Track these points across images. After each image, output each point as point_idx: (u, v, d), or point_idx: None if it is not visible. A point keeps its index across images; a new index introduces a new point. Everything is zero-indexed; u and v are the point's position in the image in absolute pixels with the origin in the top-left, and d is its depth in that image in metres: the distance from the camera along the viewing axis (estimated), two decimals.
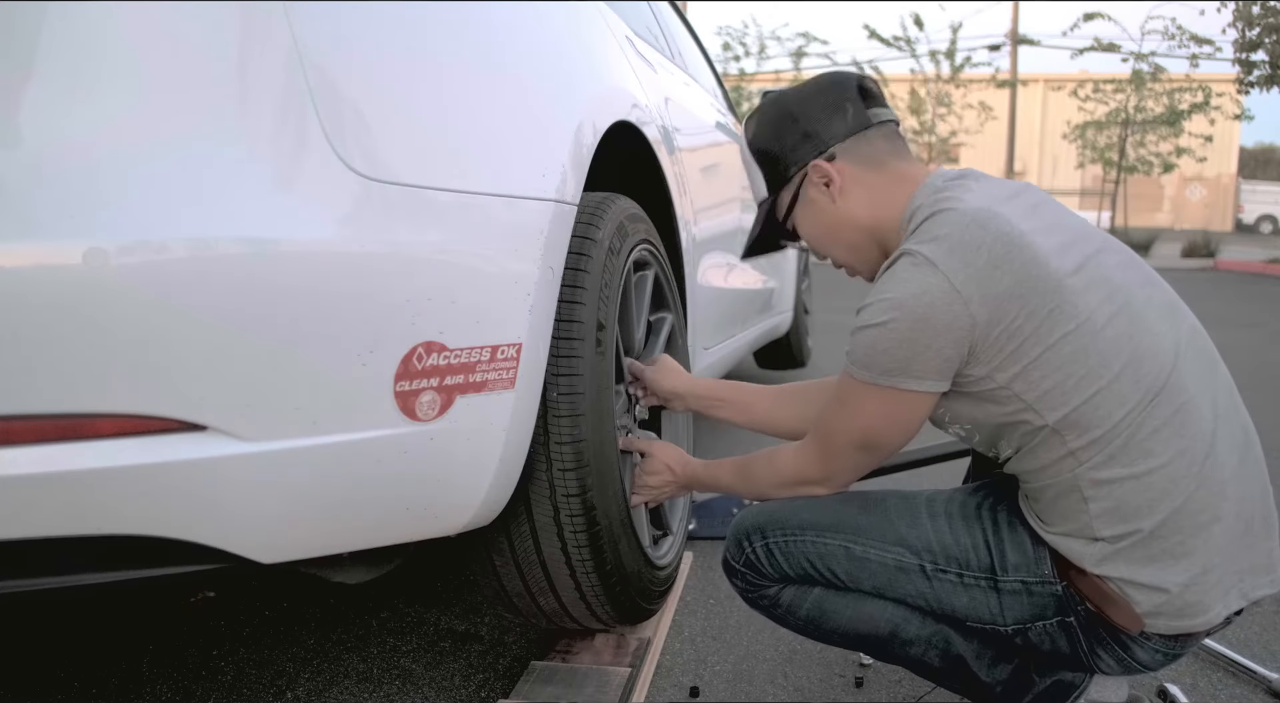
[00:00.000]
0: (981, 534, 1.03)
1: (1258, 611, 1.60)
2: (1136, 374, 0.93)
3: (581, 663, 1.28)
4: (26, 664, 1.42)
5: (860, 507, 1.08)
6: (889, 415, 0.99)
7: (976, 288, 0.92)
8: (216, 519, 0.82)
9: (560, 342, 1.14)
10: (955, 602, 1.04)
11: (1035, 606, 1.01)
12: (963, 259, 0.92)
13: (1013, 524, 1.03)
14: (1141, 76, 14.76)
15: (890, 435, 1.02)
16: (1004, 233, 0.93)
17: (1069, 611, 1.00)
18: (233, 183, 0.79)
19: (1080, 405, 0.93)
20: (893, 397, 0.97)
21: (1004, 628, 1.03)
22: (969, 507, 1.05)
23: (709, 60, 3.14)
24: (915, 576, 1.04)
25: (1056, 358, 0.93)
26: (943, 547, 1.03)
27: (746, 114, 1.32)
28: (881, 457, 1.05)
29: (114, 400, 0.75)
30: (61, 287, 0.71)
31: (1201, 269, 11.94)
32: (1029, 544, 1.01)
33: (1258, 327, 5.91)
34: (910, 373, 0.95)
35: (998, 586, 1.01)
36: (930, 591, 1.04)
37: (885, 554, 1.05)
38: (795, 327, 3.63)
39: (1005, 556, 1.01)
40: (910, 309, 0.93)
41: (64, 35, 0.75)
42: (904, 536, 1.05)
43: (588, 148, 1.22)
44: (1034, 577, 1.00)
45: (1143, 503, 0.94)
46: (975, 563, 1.02)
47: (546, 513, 1.15)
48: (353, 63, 0.89)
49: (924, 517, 1.05)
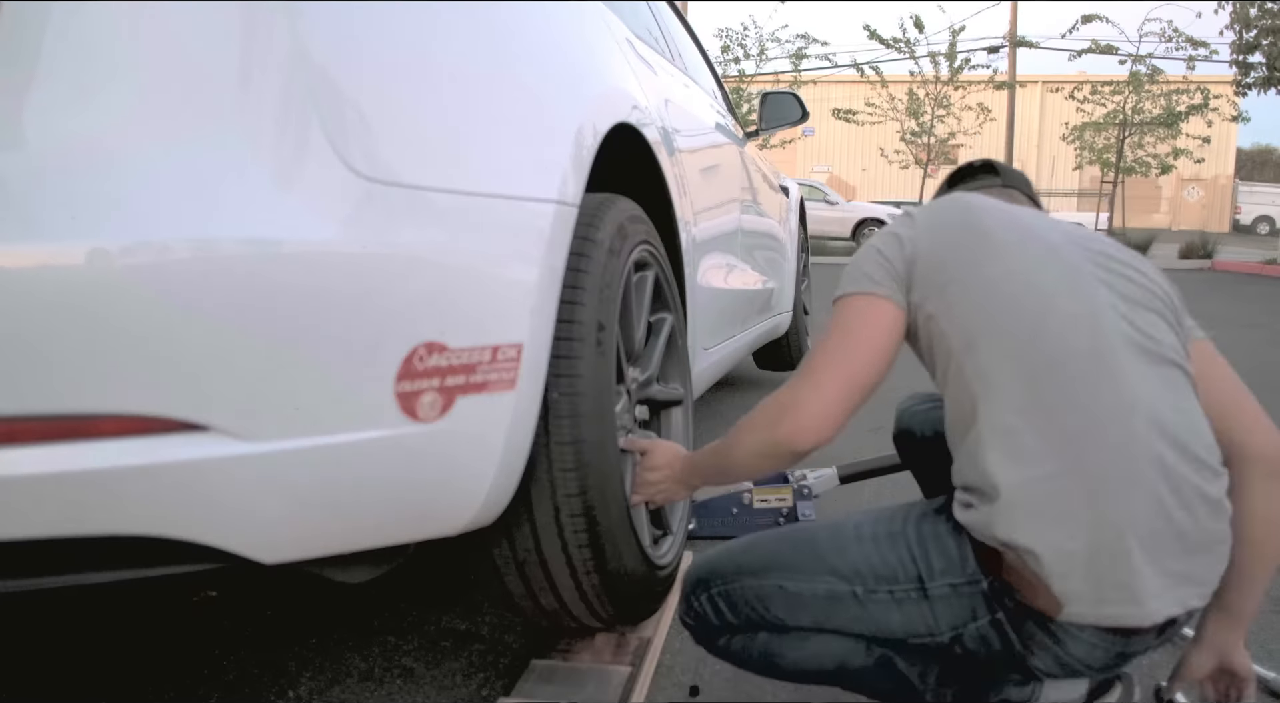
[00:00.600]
0: (905, 547, 1.02)
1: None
2: (1049, 337, 0.98)
3: (582, 662, 1.28)
4: (27, 664, 1.42)
5: (791, 545, 1.08)
6: (862, 320, 1.06)
7: (924, 219, 1.10)
8: (218, 519, 0.82)
9: (560, 342, 1.14)
10: (890, 621, 1.03)
11: (965, 607, 1.00)
12: (928, 211, 1.12)
13: (937, 533, 1.02)
14: (1139, 78, 14.78)
15: (866, 342, 1.05)
16: (967, 206, 1.10)
17: (998, 606, 0.99)
18: (234, 183, 0.80)
19: (987, 347, 0.99)
20: (860, 301, 1.06)
21: (941, 637, 1.02)
22: (895, 523, 1.05)
23: (709, 62, 3.15)
24: (849, 602, 1.03)
25: (974, 297, 1.02)
26: (870, 568, 1.02)
27: (746, 115, 1.34)
28: (867, 372, 1.03)
29: (116, 400, 0.75)
30: (64, 287, 0.72)
31: (1199, 270, 11.95)
32: (952, 546, 1.00)
33: (1256, 327, 5.92)
34: (868, 277, 1.07)
35: (927, 593, 1.01)
36: (865, 614, 1.03)
37: (817, 586, 1.04)
38: (795, 327, 3.63)
39: (930, 562, 1.01)
40: (882, 233, 1.12)
41: (66, 36, 0.75)
42: (833, 565, 1.04)
43: (588, 149, 1.22)
44: (960, 577, 1.00)
45: (1037, 449, 0.94)
46: (903, 576, 1.01)
47: (547, 513, 1.16)
48: (354, 63, 0.89)
49: (850, 543, 1.04)
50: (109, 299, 0.73)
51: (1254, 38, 11.47)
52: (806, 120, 3.27)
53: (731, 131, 2.70)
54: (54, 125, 0.74)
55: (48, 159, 0.73)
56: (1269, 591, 1.67)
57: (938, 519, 1.03)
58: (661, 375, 1.60)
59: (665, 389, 1.60)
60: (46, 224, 0.72)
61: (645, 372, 1.49)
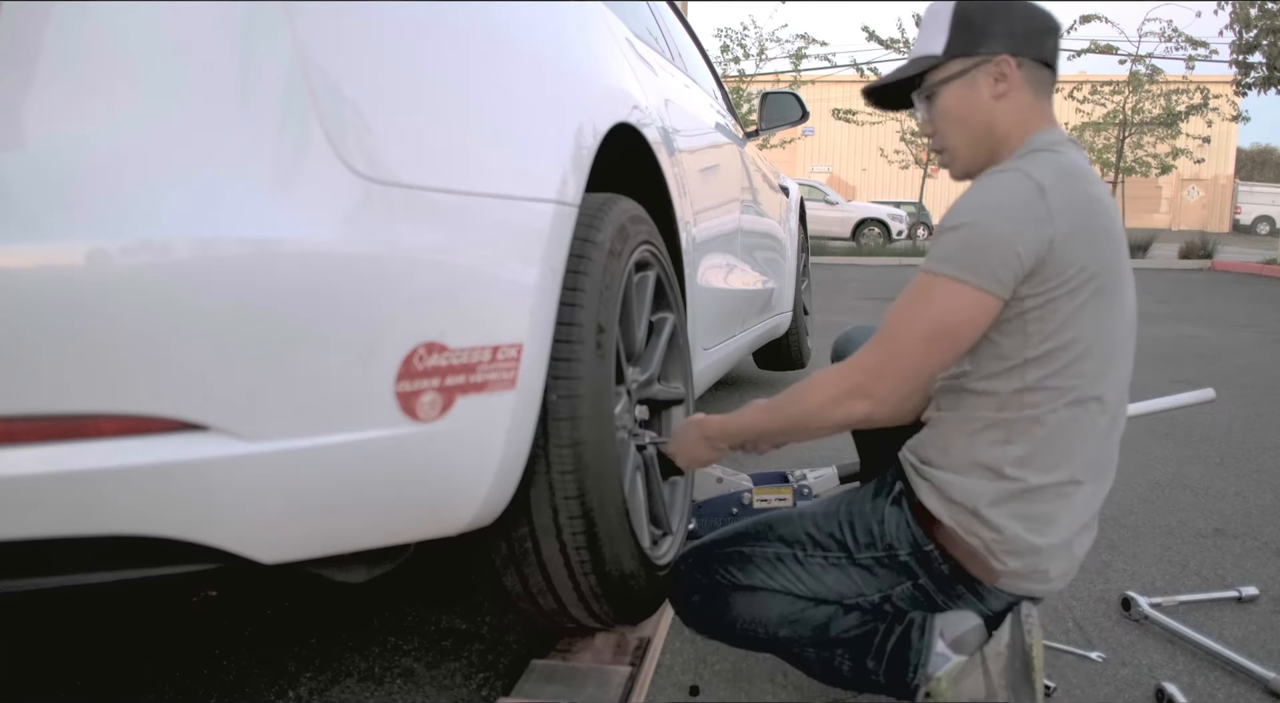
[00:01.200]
0: (837, 522, 1.19)
1: (1255, 610, 1.60)
2: (1105, 367, 1.10)
3: (582, 662, 1.28)
4: (28, 664, 1.42)
5: (753, 522, 1.25)
6: (957, 310, 1.05)
7: (1065, 217, 1.04)
8: (218, 519, 0.82)
9: (560, 345, 1.14)
10: (826, 580, 1.19)
11: (890, 576, 1.17)
12: (1064, 195, 1.04)
13: (863, 512, 1.18)
14: (1139, 78, 14.78)
15: (959, 331, 1.06)
16: (1101, 208, 1.08)
17: (923, 574, 1.15)
18: (234, 183, 0.80)
19: (1061, 368, 1.07)
20: (963, 291, 1.04)
21: (870, 598, 1.19)
22: (831, 504, 1.22)
23: (708, 62, 3.15)
24: (790, 562, 1.19)
25: (1077, 317, 1.05)
26: (808, 536, 1.19)
27: (746, 115, 1.35)
28: (947, 355, 1.08)
29: (116, 400, 0.75)
30: (64, 287, 0.71)
31: (1199, 270, 11.95)
32: (873, 524, 1.17)
33: (1255, 327, 5.92)
34: (984, 266, 1.03)
35: (855, 561, 1.17)
36: (805, 573, 1.19)
37: (766, 550, 1.20)
38: (795, 327, 3.63)
39: (856, 535, 1.17)
40: (1001, 209, 1.04)
41: (66, 36, 0.75)
42: (781, 533, 1.21)
43: (588, 149, 1.22)
44: (882, 551, 1.16)
45: (1053, 459, 1.09)
46: (834, 545, 1.18)
47: (546, 515, 1.16)
48: (354, 63, 0.89)
49: (794, 517, 1.22)
50: (109, 299, 0.73)
51: (1254, 38, 11.48)
52: (806, 120, 3.27)
53: (731, 131, 2.70)
54: (54, 125, 0.74)
55: (48, 159, 0.73)
56: (1268, 590, 1.68)
57: (866, 497, 1.20)
58: (662, 375, 1.60)
59: (666, 388, 1.60)
60: (46, 224, 0.72)
61: (646, 372, 1.49)
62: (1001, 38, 1.13)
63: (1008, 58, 1.12)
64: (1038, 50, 1.14)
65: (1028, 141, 1.13)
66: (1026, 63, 1.13)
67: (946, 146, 1.19)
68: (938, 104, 1.17)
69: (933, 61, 1.16)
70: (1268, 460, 2.64)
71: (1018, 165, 1.08)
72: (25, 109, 0.74)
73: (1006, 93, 1.13)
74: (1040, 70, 1.15)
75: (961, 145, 1.18)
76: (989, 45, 1.13)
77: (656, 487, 1.49)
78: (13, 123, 0.73)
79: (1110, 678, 1.36)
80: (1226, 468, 2.54)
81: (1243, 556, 1.87)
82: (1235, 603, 1.63)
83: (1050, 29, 1.16)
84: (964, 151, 1.18)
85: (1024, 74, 1.13)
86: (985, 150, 1.16)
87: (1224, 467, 2.55)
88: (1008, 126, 1.14)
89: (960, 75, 1.15)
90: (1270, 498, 2.28)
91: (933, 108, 1.18)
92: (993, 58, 1.13)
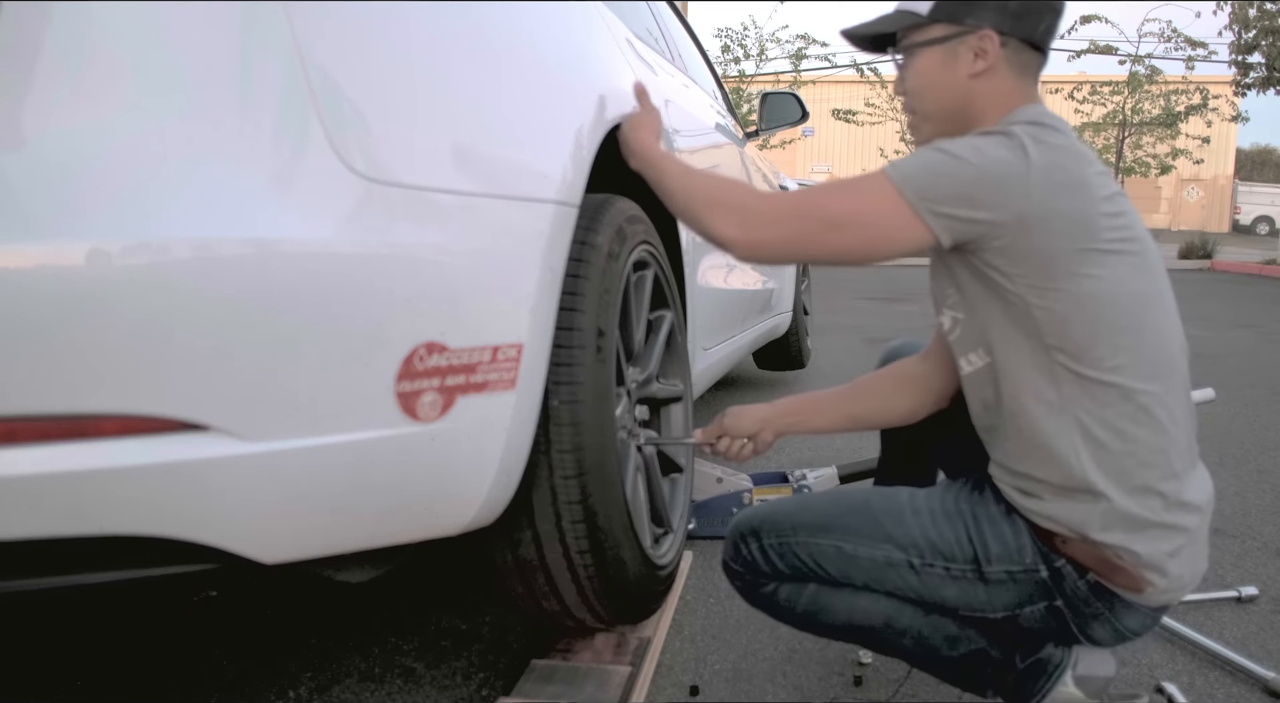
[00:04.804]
0: (964, 528, 1.07)
1: (1255, 610, 1.60)
2: (1138, 343, 1.02)
3: (582, 662, 1.28)
4: (28, 664, 1.42)
5: (848, 508, 1.11)
6: (884, 225, 1.00)
7: (1043, 191, 0.97)
8: (218, 519, 0.82)
9: (560, 350, 1.14)
10: (945, 593, 1.08)
11: (1021, 592, 1.06)
12: (1047, 164, 0.98)
13: (992, 517, 1.07)
14: (1138, 79, 14.78)
15: (865, 237, 1.01)
16: (1083, 180, 1.00)
17: (1055, 594, 1.04)
18: (234, 183, 0.80)
19: (1082, 342, 0.99)
20: (904, 213, 0.99)
21: (993, 615, 1.08)
22: (948, 502, 1.09)
23: (708, 62, 3.15)
24: (904, 570, 1.07)
25: (1074, 296, 0.98)
26: (928, 542, 1.07)
27: (746, 115, 1.32)
28: (828, 249, 1.03)
29: (116, 400, 0.75)
30: (64, 287, 0.72)
31: (1198, 270, 11.95)
32: (1008, 533, 1.05)
33: (1254, 327, 5.92)
34: (938, 206, 0.98)
35: (984, 576, 1.06)
36: (919, 583, 1.08)
37: (875, 552, 1.08)
38: (795, 327, 3.63)
39: (988, 547, 1.05)
40: (985, 165, 0.98)
41: (66, 36, 0.75)
42: (891, 533, 1.08)
43: (588, 149, 1.22)
44: (1017, 566, 1.05)
45: (1144, 459, 0.99)
46: (960, 556, 1.06)
47: (549, 520, 1.16)
48: (354, 63, 0.89)
49: (908, 514, 1.09)
50: (109, 299, 0.73)
51: (1253, 38, 11.48)
52: (806, 120, 3.27)
53: (731, 132, 2.70)
54: (54, 125, 0.74)
55: (48, 159, 0.73)
56: (1268, 590, 1.68)
57: (988, 502, 1.08)
58: (661, 373, 1.60)
59: (665, 386, 1.60)
60: (47, 224, 0.72)
61: (645, 371, 1.49)
62: (991, 11, 1.07)
63: (992, 33, 1.06)
64: (1028, 30, 1.08)
65: (1007, 119, 1.06)
66: (1013, 42, 1.07)
67: (920, 112, 1.14)
68: (913, 65, 1.12)
69: (915, 19, 1.11)
70: (1267, 461, 2.64)
71: (1014, 131, 1.01)
72: (25, 109, 0.74)
73: (984, 72, 1.07)
74: (1027, 52, 1.09)
75: (932, 112, 1.13)
76: (976, 16, 1.07)
77: (657, 485, 1.49)
78: (13, 123, 0.73)
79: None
80: (1226, 468, 2.54)
81: (1242, 555, 1.87)
82: (1235, 603, 1.63)
83: (1046, 9, 1.09)
84: (935, 119, 1.13)
85: (1007, 54, 1.07)
86: (957, 122, 1.10)
87: (1223, 467, 2.55)
88: (982, 107, 1.09)
89: (940, 41, 1.09)
90: (1270, 498, 2.28)
91: (907, 68, 1.13)
92: (976, 31, 1.07)
